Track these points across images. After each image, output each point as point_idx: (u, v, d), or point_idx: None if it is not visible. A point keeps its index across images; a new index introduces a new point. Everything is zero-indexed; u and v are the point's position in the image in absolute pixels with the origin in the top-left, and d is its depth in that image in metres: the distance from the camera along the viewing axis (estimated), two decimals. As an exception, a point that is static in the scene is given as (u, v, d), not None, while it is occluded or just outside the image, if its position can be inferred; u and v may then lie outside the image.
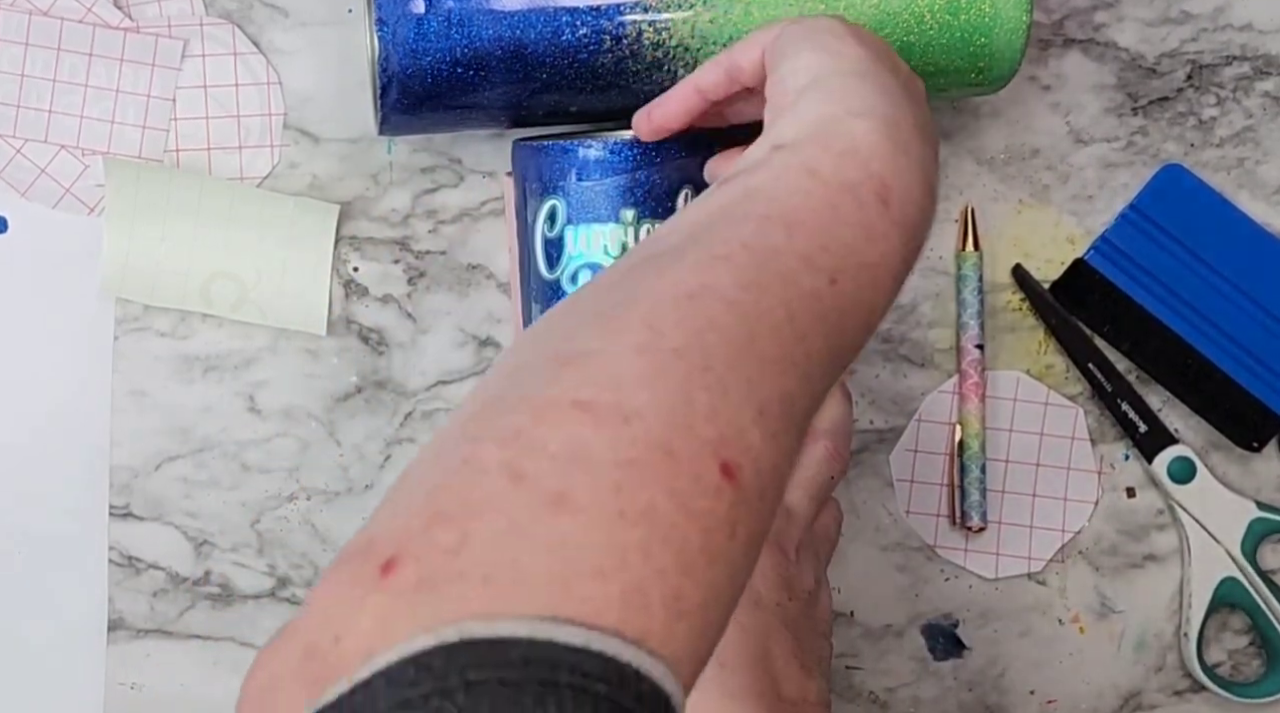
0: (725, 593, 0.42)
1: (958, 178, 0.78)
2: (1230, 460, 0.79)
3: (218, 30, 0.75)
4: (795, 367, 0.45)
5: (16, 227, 0.76)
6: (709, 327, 0.44)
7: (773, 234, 0.48)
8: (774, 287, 0.46)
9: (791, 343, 0.45)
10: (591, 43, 0.67)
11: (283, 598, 0.77)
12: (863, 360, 0.78)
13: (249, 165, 0.75)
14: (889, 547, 0.78)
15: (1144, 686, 0.79)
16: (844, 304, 0.48)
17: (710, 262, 0.46)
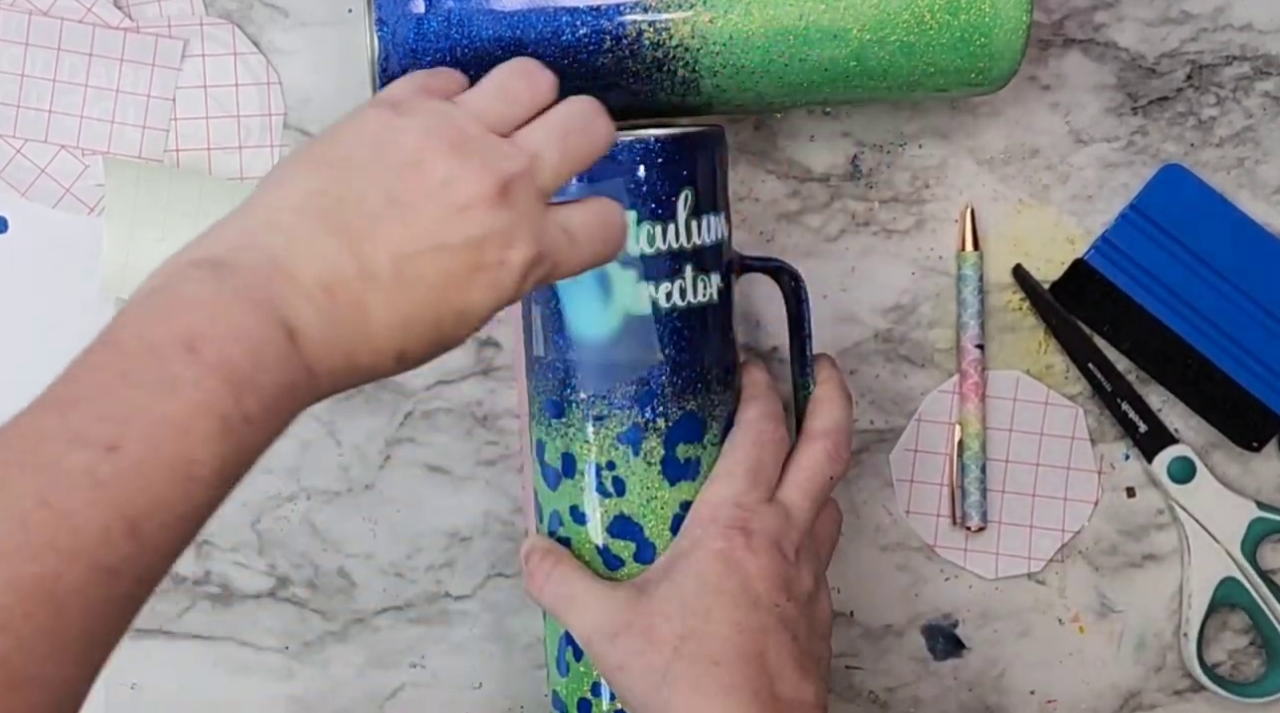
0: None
1: (957, 178, 0.78)
2: (1230, 460, 0.79)
3: (218, 30, 0.75)
4: (61, 548, 0.45)
5: (16, 227, 0.76)
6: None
7: (45, 417, 0.48)
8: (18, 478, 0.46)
9: (49, 527, 0.45)
10: (591, 43, 0.67)
11: (283, 598, 0.77)
12: (863, 360, 0.78)
13: (249, 166, 0.75)
14: (889, 547, 0.78)
15: (1144, 685, 0.79)
16: (133, 466, 0.46)
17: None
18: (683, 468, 0.66)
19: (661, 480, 0.66)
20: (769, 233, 0.77)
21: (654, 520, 0.66)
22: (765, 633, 0.61)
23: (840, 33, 0.68)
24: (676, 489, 0.66)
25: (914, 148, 0.78)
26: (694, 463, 0.66)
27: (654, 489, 0.66)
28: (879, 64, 0.69)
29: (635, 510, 0.66)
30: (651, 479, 0.66)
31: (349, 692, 0.77)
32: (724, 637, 0.61)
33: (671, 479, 0.66)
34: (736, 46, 0.68)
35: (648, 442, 0.66)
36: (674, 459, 0.66)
